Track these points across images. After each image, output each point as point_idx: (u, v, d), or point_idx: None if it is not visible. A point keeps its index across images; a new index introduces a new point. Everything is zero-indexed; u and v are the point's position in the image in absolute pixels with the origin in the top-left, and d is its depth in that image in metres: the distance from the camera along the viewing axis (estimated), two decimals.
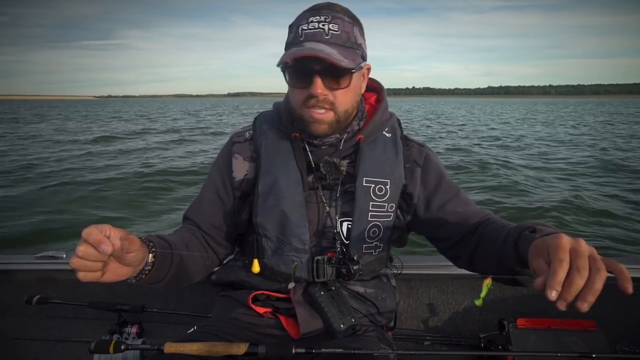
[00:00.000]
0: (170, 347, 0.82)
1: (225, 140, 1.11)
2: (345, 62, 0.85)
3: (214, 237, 1.04)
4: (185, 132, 17.55)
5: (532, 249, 0.68)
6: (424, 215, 1.02)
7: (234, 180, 1.02)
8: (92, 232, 0.65)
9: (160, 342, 0.84)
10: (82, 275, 0.67)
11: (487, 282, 0.66)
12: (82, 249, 0.65)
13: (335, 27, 0.88)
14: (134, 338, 1.51)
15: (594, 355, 0.86)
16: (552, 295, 0.57)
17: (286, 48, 0.93)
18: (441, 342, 1.53)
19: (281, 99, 1.07)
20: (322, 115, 0.91)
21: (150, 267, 0.82)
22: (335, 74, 0.88)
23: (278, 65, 0.89)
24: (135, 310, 1.51)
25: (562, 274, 0.58)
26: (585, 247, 0.60)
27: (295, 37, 0.90)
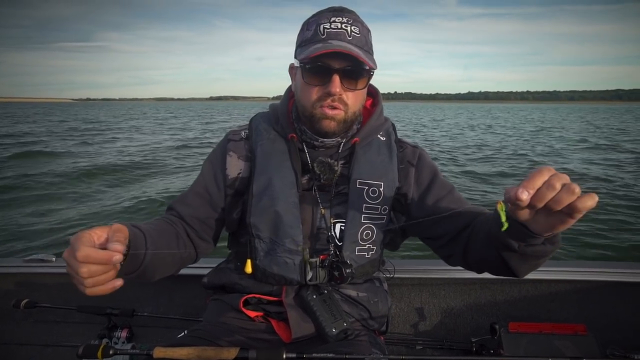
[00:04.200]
0: (159, 352, 0.81)
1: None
2: (370, 63, 0.88)
3: (197, 230, 1.02)
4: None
5: None
6: (418, 214, 1.02)
7: (227, 178, 1.02)
8: (88, 254, 0.63)
9: (149, 347, 0.83)
10: (91, 291, 0.66)
11: (500, 205, 0.68)
12: (85, 270, 0.63)
13: (357, 30, 0.90)
14: (123, 342, 1.49)
15: None
16: (524, 195, 0.60)
17: (303, 45, 0.92)
18: (433, 347, 1.52)
19: (260, 103, 1.08)
20: (334, 113, 0.92)
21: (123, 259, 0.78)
22: (354, 75, 0.90)
23: (299, 60, 0.89)
24: (125, 314, 1.49)
25: (538, 180, 0.61)
26: (566, 176, 0.62)
27: (315, 35, 0.89)
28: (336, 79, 0.88)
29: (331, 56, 0.87)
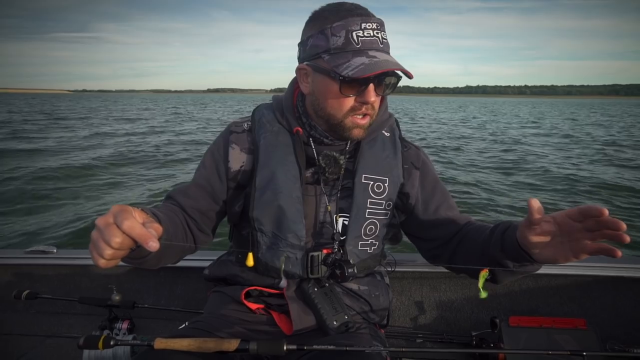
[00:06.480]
0: (160, 343, 0.81)
1: None
2: (411, 73, 0.88)
3: (197, 221, 1.01)
4: None
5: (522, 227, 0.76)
6: (422, 217, 1.05)
7: (230, 171, 1.01)
8: (134, 225, 0.62)
9: (150, 338, 0.83)
10: (104, 263, 0.64)
11: (484, 273, 0.76)
12: (118, 241, 0.62)
13: (385, 35, 0.89)
14: (124, 334, 1.49)
15: (584, 354, 0.86)
16: (605, 210, 0.65)
17: (335, 52, 0.87)
18: (433, 340, 1.53)
19: (258, 95, 1.07)
20: (365, 121, 0.92)
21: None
22: (383, 82, 0.90)
23: (343, 76, 0.85)
24: (126, 306, 1.50)
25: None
26: None
27: (348, 43, 0.86)
28: (372, 88, 0.87)
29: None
